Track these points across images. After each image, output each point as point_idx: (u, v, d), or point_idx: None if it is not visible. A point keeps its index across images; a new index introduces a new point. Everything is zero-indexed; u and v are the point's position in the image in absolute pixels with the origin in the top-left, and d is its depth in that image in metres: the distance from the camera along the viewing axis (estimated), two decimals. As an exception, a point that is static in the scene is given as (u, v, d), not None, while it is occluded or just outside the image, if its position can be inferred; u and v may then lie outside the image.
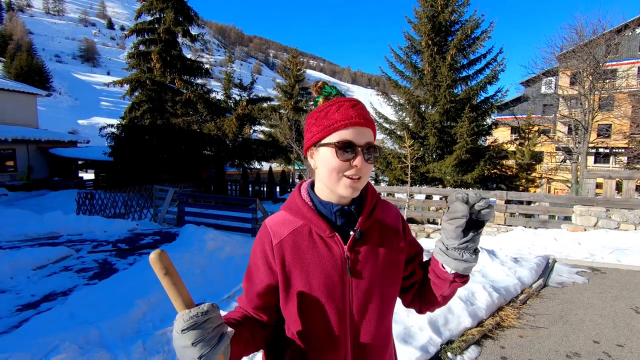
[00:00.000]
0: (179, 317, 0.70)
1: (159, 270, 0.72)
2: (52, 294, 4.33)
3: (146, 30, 18.13)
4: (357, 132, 0.85)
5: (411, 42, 16.04)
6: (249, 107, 17.95)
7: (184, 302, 0.72)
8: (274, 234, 0.93)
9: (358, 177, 0.86)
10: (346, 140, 0.84)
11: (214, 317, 0.72)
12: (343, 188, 0.87)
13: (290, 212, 0.95)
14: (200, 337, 0.69)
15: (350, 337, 0.91)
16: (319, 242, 0.91)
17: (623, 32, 18.27)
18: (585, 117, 17.05)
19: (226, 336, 0.73)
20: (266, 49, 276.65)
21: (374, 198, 0.98)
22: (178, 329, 0.69)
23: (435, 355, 2.81)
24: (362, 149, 0.85)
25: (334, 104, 0.89)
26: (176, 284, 0.73)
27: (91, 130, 52.54)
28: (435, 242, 0.89)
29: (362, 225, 0.92)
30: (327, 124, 0.87)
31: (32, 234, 7.31)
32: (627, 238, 6.70)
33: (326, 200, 0.93)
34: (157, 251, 0.73)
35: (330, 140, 0.86)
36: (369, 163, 0.87)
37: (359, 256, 0.91)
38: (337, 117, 0.86)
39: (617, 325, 3.43)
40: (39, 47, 73.15)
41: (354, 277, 0.90)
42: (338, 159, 0.85)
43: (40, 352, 2.22)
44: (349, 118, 0.85)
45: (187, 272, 4.58)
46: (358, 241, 0.91)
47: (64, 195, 15.20)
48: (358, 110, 0.87)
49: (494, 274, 4.54)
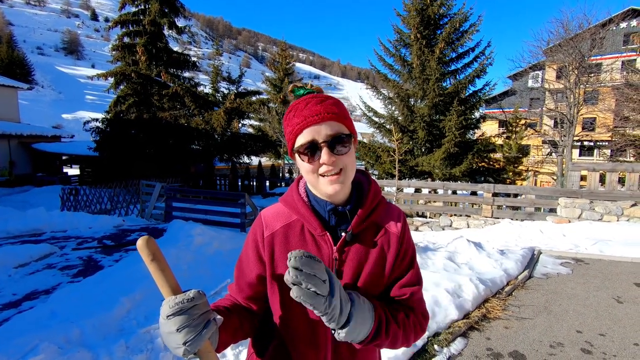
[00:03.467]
0: (165, 303, 0.71)
1: (146, 256, 0.72)
2: (35, 292, 4.22)
3: (131, 22, 17.70)
4: (315, 129, 0.83)
5: (400, 35, 15.99)
6: (238, 100, 17.76)
7: (171, 289, 0.73)
8: (266, 225, 0.93)
9: (335, 172, 0.84)
10: (306, 142, 0.84)
11: (201, 304, 0.73)
12: (324, 186, 0.86)
13: (286, 206, 0.95)
14: (186, 323, 0.69)
15: (331, 338, 0.90)
16: (309, 239, 0.90)
17: (608, 27, 18.53)
18: (571, 111, 17.33)
19: (212, 323, 0.73)
20: (255, 42, 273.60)
21: (375, 200, 0.94)
22: (164, 314, 0.70)
23: (422, 348, 2.83)
24: (325, 143, 0.83)
25: (292, 108, 0.88)
26: (163, 270, 0.73)
27: (76, 124, 51.38)
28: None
29: (355, 228, 0.90)
30: (289, 131, 0.87)
31: (14, 231, 7.12)
32: (610, 229, 6.85)
33: (320, 198, 0.92)
34: (144, 237, 0.73)
35: (295, 146, 0.87)
36: (340, 155, 0.84)
37: (347, 258, 0.89)
38: (295, 122, 0.86)
39: (600, 315, 3.50)
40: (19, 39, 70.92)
41: (340, 278, 0.89)
42: (306, 162, 0.85)
43: (18, 353, 2.15)
44: (304, 119, 0.84)
45: (174, 268, 4.47)
46: (348, 243, 0.90)
47: (48, 191, 14.86)
48: (312, 107, 0.85)
49: (481, 266, 4.59)
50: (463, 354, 2.81)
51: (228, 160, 19.37)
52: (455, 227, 9.02)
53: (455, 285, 3.79)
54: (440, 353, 2.80)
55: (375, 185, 0.97)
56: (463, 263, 4.70)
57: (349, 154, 0.86)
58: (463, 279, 3.93)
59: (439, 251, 5.05)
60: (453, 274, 4.17)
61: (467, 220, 8.95)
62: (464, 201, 9.54)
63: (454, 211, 9.44)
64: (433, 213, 10.21)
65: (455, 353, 2.82)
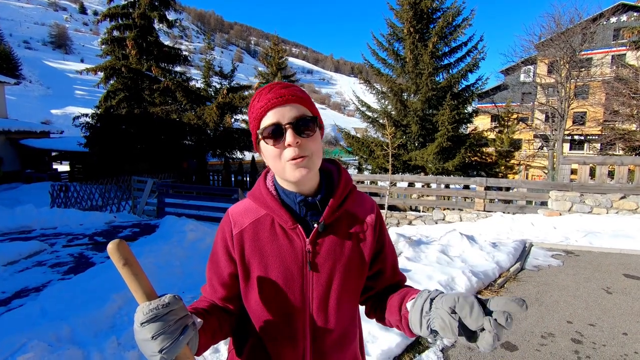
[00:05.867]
0: (139, 310, 0.67)
1: (117, 261, 0.69)
2: (25, 290, 4.16)
3: (120, 15, 17.38)
4: (280, 111, 0.81)
5: (393, 29, 15.95)
6: (230, 95, 17.59)
7: (145, 294, 0.69)
8: (234, 223, 0.90)
9: (301, 156, 0.80)
10: (270, 124, 0.81)
11: (177, 309, 0.69)
12: (290, 173, 0.82)
13: (255, 201, 0.91)
14: (161, 330, 0.66)
15: (310, 331, 0.89)
16: (280, 233, 0.88)
17: (598, 21, 18.68)
18: (562, 105, 17.51)
19: (190, 329, 0.70)
20: (247, 36, 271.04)
21: (346, 188, 0.92)
22: (138, 321, 0.66)
23: (415, 340, 2.85)
24: (290, 125, 0.80)
25: (256, 95, 0.85)
26: (136, 275, 0.69)
27: (65, 120, 50.61)
28: (421, 302, 0.75)
29: (327, 218, 0.88)
30: (254, 117, 0.84)
31: (3, 229, 7.00)
32: (599, 221, 6.95)
33: (289, 190, 0.89)
34: (115, 241, 0.69)
35: (259, 129, 0.83)
36: (306, 137, 0.82)
37: (321, 249, 0.87)
38: (258, 105, 0.83)
39: (589, 306, 3.55)
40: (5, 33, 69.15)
41: (314, 271, 0.87)
42: (271, 146, 0.82)
43: (6, 351, 2.11)
44: (268, 101, 0.81)
45: (166, 264, 4.48)
46: (321, 234, 0.88)
47: (37, 188, 14.63)
48: (276, 91, 0.82)
49: (473, 259, 4.63)
50: (456, 345, 2.83)
51: (221, 155, 19.23)
52: (448, 220, 9.09)
53: (448, 278, 3.81)
54: (434, 345, 2.82)
55: (346, 174, 0.95)
56: (456, 256, 4.73)
57: (314, 138, 0.83)
58: (456, 272, 3.96)
59: (432, 244, 5.08)
60: (446, 267, 4.20)
61: (460, 213, 9.02)
62: (457, 195, 9.59)
63: (447, 205, 9.50)
64: (426, 207, 10.27)
65: (448, 345, 2.84)
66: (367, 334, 2.72)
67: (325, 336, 0.89)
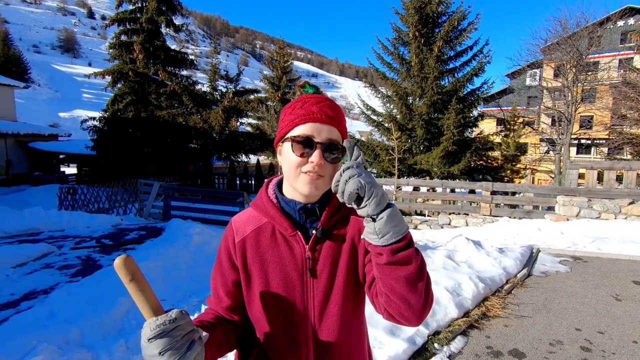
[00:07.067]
0: (146, 325, 0.68)
1: (124, 277, 0.69)
2: (33, 292, 4.20)
3: (128, 20, 17.58)
4: (317, 128, 0.83)
5: (398, 33, 15.98)
6: (236, 99, 17.68)
7: (152, 310, 0.70)
8: (237, 231, 0.93)
9: (317, 175, 0.83)
10: (304, 135, 0.83)
11: (184, 324, 0.70)
12: (301, 184, 0.84)
13: (257, 209, 0.94)
14: (168, 346, 0.67)
15: (312, 338, 0.89)
16: (280, 240, 0.90)
17: (605, 25, 18.54)
18: (568, 109, 17.36)
19: (197, 343, 0.71)
20: (253, 40, 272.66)
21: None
22: (145, 337, 0.67)
23: (422, 346, 2.83)
24: (321, 145, 0.82)
25: (300, 100, 0.87)
26: (143, 291, 0.71)
27: (73, 123, 51.18)
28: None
29: (325, 224, 0.89)
30: (290, 119, 0.86)
31: (12, 231, 7.08)
32: (607, 227, 6.87)
33: (290, 198, 0.90)
34: (121, 256, 0.70)
35: (291, 134, 0.85)
36: (330, 162, 0.84)
37: (321, 255, 0.88)
38: (299, 113, 0.85)
39: (598, 313, 3.51)
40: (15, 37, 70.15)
41: (314, 277, 0.88)
42: (295, 154, 0.83)
43: (17, 354, 2.13)
44: (310, 114, 0.83)
45: (173, 267, 4.50)
46: (320, 240, 0.89)
47: (45, 190, 14.77)
48: (321, 106, 0.85)
49: (480, 265, 4.60)
50: (463, 352, 2.81)
51: (226, 159, 19.32)
52: (454, 225, 9.04)
53: (454, 284, 3.79)
54: (441, 351, 2.80)
55: None
56: (462, 261, 4.70)
57: (335, 165, 0.85)
58: (462, 278, 3.94)
59: (438, 250, 5.06)
60: (452, 273, 4.18)
61: (466, 218, 8.97)
62: (463, 199, 9.55)
63: (452, 209, 9.46)
64: (432, 211, 10.23)
65: (455, 351, 2.83)
66: (373, 340, 2.71)
67: (329, 344, 0.89)
